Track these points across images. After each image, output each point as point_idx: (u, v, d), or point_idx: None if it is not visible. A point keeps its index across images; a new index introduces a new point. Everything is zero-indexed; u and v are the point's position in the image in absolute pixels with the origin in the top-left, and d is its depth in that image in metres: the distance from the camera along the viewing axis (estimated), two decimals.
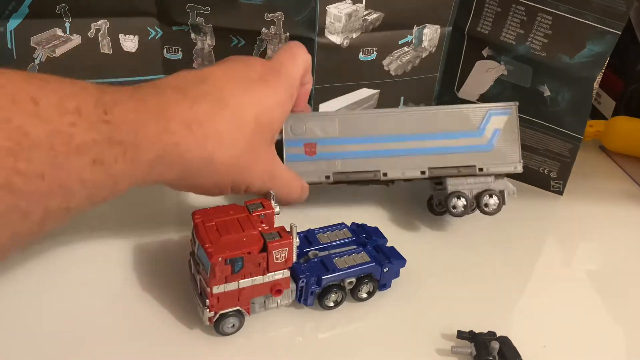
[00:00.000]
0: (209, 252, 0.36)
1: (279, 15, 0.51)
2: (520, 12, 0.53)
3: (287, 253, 0.38)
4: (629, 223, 0.57)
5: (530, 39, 0.53)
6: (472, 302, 0.45)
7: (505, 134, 0.49)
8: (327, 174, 0.47)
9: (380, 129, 0.48)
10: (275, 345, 0.40)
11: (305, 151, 0.46)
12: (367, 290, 0.43)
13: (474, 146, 0.49)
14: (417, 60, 0.57)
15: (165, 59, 0.55)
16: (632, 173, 0.66)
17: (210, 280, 0.37)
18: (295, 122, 0.47)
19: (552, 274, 0.49)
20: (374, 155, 0.48)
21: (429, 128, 0.48)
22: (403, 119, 0.48)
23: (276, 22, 0.51)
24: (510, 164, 0.49)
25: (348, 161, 0.47)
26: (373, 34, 0.54)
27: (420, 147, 0.48)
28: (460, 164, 0.49)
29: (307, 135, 0.47)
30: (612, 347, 0.42)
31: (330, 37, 0.52)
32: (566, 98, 0.53)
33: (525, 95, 0.56)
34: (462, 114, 0.49)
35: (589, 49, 0.51)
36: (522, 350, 0.39)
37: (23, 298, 0.41)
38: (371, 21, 0.53)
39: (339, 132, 0.47)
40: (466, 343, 0.40)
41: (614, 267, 0.51)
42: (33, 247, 0.46)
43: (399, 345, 0.41)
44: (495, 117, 0.48)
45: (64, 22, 0.50)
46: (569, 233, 0.51)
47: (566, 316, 0.45)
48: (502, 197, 0.50)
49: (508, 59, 0.55)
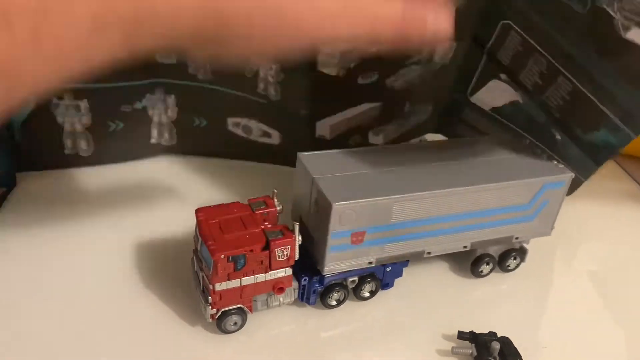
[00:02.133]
0: (212, 249, 0.36)
1: None
2: (541, 64, 0.48)
3: (289, 251, 0.38)
4: (629, 223, 0.57)
5: (547, 95, 0.49)
6: (473, 303, 0.45)
7: (551, 205, 0.46)
8: (370, 259, 0.42)
9: (431, 211, 0.42)
10: (277, 344, 0.40)
11: (352, 241, 0.40)
12: (370, 290, 0.43)
13: (518, 218, 0.45)
14: (427, 74, 0.54)
15: (159, 63, 0.53)
16: (632, 173, 0.66)
17: (213, 277, 0.37)
18: (345, 212, 0.39)
19: (553, 274, 0.49)
20: (419, 237, 0.43)
21: (479, 206, 0.43)
22: (457, 199, 0.42)
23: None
24: (544, 229, 0.47)
25: (394, 245, 0.42)
26: (373, 60, 0.50)
27: (467, 224, 0.44)
28: (501, 235, 0.45)
29: (358, 224, 0.40)
30: (612, 347, 0.43)
31: (324, 70, 0.50)
32: (576, 154, 0.50)
33: (538, 128, 0.52)
34: (518, 189, 0.44)
35: (603, 133, 0.47)
36: (522, 350, 0.39)
37: (24, 293, 0.41)
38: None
39: (393, 219, 0.41)
40: (467, 343, 0.40)
41: (614, 267, 0.51)
42: (34, 240, 0.46)
43: (400, 345, 0.41)
44: (550, 190, 0.45)
45: None
46: (570, 233, 0.51)
47: (566, 316, 0.45)
48: (524, 256, 0.48)
49: (524, 97, 0.52)
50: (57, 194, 0.53)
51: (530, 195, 0.44)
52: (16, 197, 0.52)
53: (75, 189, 0.54)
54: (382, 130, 0.58)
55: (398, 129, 0.59)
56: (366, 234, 0.40)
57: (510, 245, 0.47)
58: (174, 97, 0.56)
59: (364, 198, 0.39)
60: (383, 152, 0.48)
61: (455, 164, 0.45)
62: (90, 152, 0.56)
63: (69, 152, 0.55)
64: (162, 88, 0.55)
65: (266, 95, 0.54)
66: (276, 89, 0.53)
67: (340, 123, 0.56)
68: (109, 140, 0.56)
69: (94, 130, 0.55)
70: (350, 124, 0.56)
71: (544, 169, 0.45)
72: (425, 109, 0.60)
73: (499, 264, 0.48)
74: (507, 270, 0.48)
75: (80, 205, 0.52)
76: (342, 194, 0.39)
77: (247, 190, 0.45)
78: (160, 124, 0.57)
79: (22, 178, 0.54)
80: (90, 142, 0.55)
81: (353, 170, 0.42)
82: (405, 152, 0.47)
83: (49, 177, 0.55)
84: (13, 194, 0.52)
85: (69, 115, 0.53)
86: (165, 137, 0.58)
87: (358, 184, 0.41)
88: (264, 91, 0.53)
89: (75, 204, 0.52)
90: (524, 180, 0.44)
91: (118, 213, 0.50)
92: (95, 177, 0.56)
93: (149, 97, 0.55)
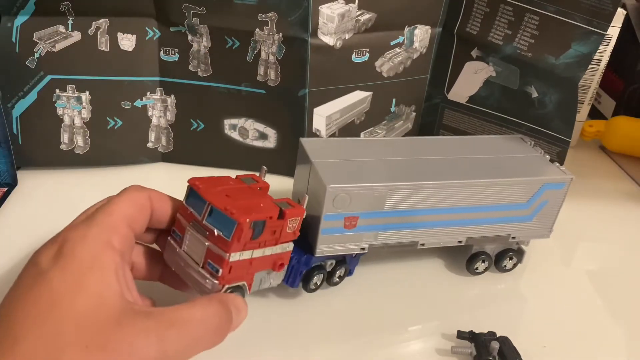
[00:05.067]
0: (234, 213, 0.34)
1: (272, 16, 0.51)
2: (508, 13, 0.53)
3: (297, 223, 0.38)
4: (629, 223, 0.57)
5: (517, 39, 0.53)
6: (473, 302, 0.45)
7: (550, 206, 0.46)
8: (362, 245, 0.42)
9: (426, 202, 0.42)
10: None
11: (345, 225, 0.41)
12: (339, 275, 0.44)
13: (516, 217, 0.45)
14: (409, 62, 0.57)
15: (161, 60, 0.55)
16: (632, 173, 0.65)
17: (232, 244, 0.34)
18: (339, 195, 0.39)
19: (552, 274, 0.49)
20: (414, 227, 0.43)
21: (475, 201, 0.43)
22: (452, 192, 0.42)
23: (269, 23, 0.51)
24: (543, 231, 0.47)
25: (387, 233, 0.42)
26: (365, 35, 0.54)
27: (462, 219, 0.44)
28: (497, 233, 0.45)
29: (351, 209, 0.40)
30: (612, 347, 0.42)
31: (323, 38, 0.52)
32: (553, 100, 0.53)
33: (514, 97, 0.56)
34: (515, 186, 0.44)
35: (574, 49, 0.50)
36: (522, 350, 0.39)
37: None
38: (364, 22, 0.53)
39: (387, 206, 0.41)
40: (466, 343, 0.40)
41: (614, 267, 0.51)
42: (35, 240, 0.46)
43: (399, 345, 0.41)
44: (549, 191, 0.45)
45: (67, 19, 0.51)
46: (569, 233, 0.51)
47: (566, 316, 0.44)
48: (521, 257, 0.48)
49: (496, 60, 0.55)
50: (57, 194, 0.53)
51: (529, 195, 0.44)
52: (17, 197, 0.52)
53: (75, 190, 0.55)
54: (373, 133, 0.61)
55: (388, 134, 0.62)
56: (359, 219, 0.41)
57: (508, 245, 0.47)
58: (173, 97, 0.56)
59: (358, 183, 0.40)
60: (384, 143, 0.49)
61: (455, 158, 0.46)
62: (86, 150, 0.56)
63: (64, 148, 0.56)
64: (163, 87, 0.56)
65: (266, 82, 0.54)
66: (276, 70, 0.53)
67: (335, 114, 0.57)
68: (106, 139, 0.56)
69: (92, 125, 0.55)
70: (343, 114, 0.58)
71: (545, 170, 0.45)
72: (410, 114, 0.62)
73: (495, 263, 0.48)
74: (504, 270, 0.48)
75: (81, 206, 0.52)
76: (338, 177, 0.40)
77: None
78: (159, 126, 0.58)
79: (23, 177, 0.54)
80: (87, 139, 0.56)
81: (352, 157, 0.43)
82: (406, 144, 0.48)
83: (49, 177, 0.55)
84: (14, 193, 0.53)
85: (69, 108, 0.54)
86: (162, 142, 0.58)
87: (355, 170, 0.42)
88: (264, 77, 0.54)
89: (75, 205, 0.52)
90: (521, 179, 0.44)
91: None
92: (95, 178, 0.56)
93: (150, 96, 0.56)
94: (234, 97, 0.55)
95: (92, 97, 0.54)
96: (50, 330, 0.27)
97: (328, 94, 0.56)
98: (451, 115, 0.61)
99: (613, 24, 0.58)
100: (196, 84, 0.55)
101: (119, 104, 0.55)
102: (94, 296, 0.29)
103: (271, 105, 0.55)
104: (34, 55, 0.51)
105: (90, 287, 0.29)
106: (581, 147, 0.69)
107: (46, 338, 0.27)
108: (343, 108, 0.57)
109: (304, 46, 0.52)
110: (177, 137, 0.58)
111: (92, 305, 0.29)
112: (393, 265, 0.47)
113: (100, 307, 0.29)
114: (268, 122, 0.57)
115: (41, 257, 0.31)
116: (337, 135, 0.59)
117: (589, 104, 0.67)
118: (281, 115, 0.56)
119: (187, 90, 0.56)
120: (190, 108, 0.57)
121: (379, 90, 0.58)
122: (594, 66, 0.64)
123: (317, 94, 0.55)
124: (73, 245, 0.31)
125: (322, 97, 0.55)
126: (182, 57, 0.54)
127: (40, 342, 0.27)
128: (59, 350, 0.27)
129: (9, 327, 0.28)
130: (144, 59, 0.54)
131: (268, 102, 0.55)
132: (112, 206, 0.34)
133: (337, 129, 0.58)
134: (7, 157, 0.52)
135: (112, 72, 0.54)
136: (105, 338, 0.28)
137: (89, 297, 0.29)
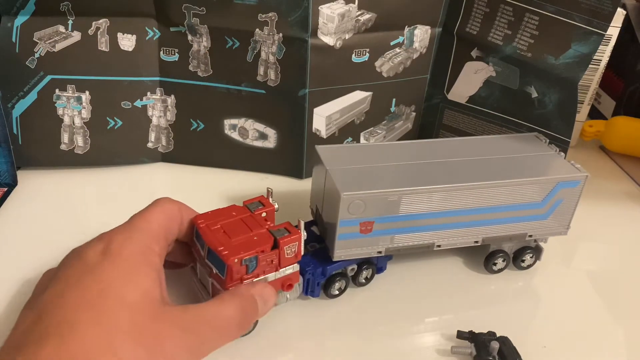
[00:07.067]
0: (224, 254, 0.36)
1: (272, 16, 0.51)
2: (508, 13, 0.53)
3: (296, 247, 0.39)
4: (629, 223, 0.57)
5: (517, 39, 0.53)
6: (473, 302, 0.45)
7: (566, 204, 0.46)
8: (379, 249, 0.43)
9: (441, 205, 0.42)
10: (283, 342, 0.40)
11: (361, 230, 0.41)
12: (366, 276, 0.45)
13: (531, 216, 0.45)
14: (409, 62, 0.57)
15: (161, 60, 0.55)
16: (632, 173, 0.65)
17: (227, 281, 0.37)
18: (354, 201, 0.40)
19: (552, 274, 0.49)
20: (429, 230, 0.43)
21: (489, 202, 0.43)
22: (466, 194, 0.42)
23: (269, 23, 0.51)
24: (560, 228, 0.47)
25: (403, 236, 0.43)
26: (365, 35, 0.54)
27: (477, 220, 0.44)
28: (513, 232, 0.46)
29: (366, 214, 0.41)
30: (612, 347, 0.42)
31: (323, 39, 0.52)
32: (553, 100, 0.53)
33: (514, 97, 0.56)
34: (529, 186, 0.44)
35: (574, 49, 0.50)
36: (522, 350, 0.39)
37: (24, 293, 0.41)
38: (364, 22, 0.53)
39: (402, 210, 0.41)
40: (466, 343, 0.40)
41: (614, 267, 0.51)
42: (34, 240, 0.46)
43: (399, 345, 0.41)
44: (564, 189, 0.45)
45: (67, 19, 0.51)
46: (569, 233, 0.51)
47: (566, 316, 0.44)
48: (539, 255, 0.48)
49: (496, 60, 0.55)
50: (57, 194, 0.53)
51: (543, 194, 0.44)
52: (17, 197, 0.52)
53: (75, 190, 0.55)
54: (373, 133, 0.61)
55: (388, 134, 0.62)
56: (375, 224, 0.41)
57: (525, 243, 0.47)
58: (173, 97, 0.56)
59: (372, 189, 0.40)
60: (397, 147, 0.49)
61: (468, 160, 0.46)
62: (86, 150, 0.56)
63: (64, 148, 0.55)
64: (163, 87, 0.56)
65: (266, 82, 0.54)
66: (276, 70, 0.53)
67: (335, 115, 0.57)
68: (106, 139, 0.56)
69: (92, 125, 0.55)
70: (343, 114, 0.58)
71: (559, 168, 0.46)
72: (409, 114, 0.62)
73: (514, 261, 0.48)
74: (522, 268, 0.48)
75: (80, 207, 0.52)
76: (352, 184, 0.40)
77: (245, 195, 0.44)
78: (159, 127, 0.58)
79: (23, 177, 0.54)
80: (87, 139, 0.56)
81: (366, 163, 0.44)
82: (419, 147, 0.48)
83: (49, 177, 0.55)
84: (14, 193, 0.53)
85: (69, 108, 0.54)
86: (162, 142, 0.58)
87: (369, 176, 0.42)
88: (264, 77, 0.54)
89: (75, 205, 0.52)
90: (535, 178, 0.44)
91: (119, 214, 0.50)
92: (95, 178, 0.56)
93: (150, 96, 0.56)
94: (234, 97, 0.55)
95: (92, 97, 0.54)
96: (104, 318, 0.30)
97: (328, 94, 0.56)
98: (451, 115, 0.61)
99: (613, 24, 0.58)
100: (196, 84, 0.55)
101: (119, 104, 0.55)
102: (141, 290, 0.32)
103: (271, 105, 0.55)
104: (34, 55, 0.51)
105: (139, 282, 0.32)
106: (581, 147, 0.69)
107: (100, 325, 0.30)
108: (343, 108, 0.57)
109: (304, 46, 0.52)
110: (177, 137, 0.58)
111: (139, 298, 0.32)
112: (394, 263, 0.47)
113: (147, 300, 0.32)
114: (268, 122, 0.57)
115: (88, 253, 0.34)
116: (337, 135, 0.59)
117: (589, 104, 0.67)
118: (281, 115, 0.56)
119: (187, 91, 0.56)
120: (190, 108, 0.57)
121: (379, 90, 0.58)
122: (594, 66, 0.64)
123: (317, 94, 0.55)
124: (121, 244, 0.34)
125: (322, 97, 0.55)
126: (182, 57, 0.54)
127: (96, 328, 0.29)
128: (112, 335, 0.29)
129: (63, 313, 0.30)
130: (144, 59, 0.54)
131: (268, 102, 0.55)
132: (149, 216, 0.37)
133: (337, 129, 0.58)
134: (7, 157, 0.52)
135: (112, 72, 0.54)
136: (152, 328, 0.31)
137: (136, 290, 0.32)
